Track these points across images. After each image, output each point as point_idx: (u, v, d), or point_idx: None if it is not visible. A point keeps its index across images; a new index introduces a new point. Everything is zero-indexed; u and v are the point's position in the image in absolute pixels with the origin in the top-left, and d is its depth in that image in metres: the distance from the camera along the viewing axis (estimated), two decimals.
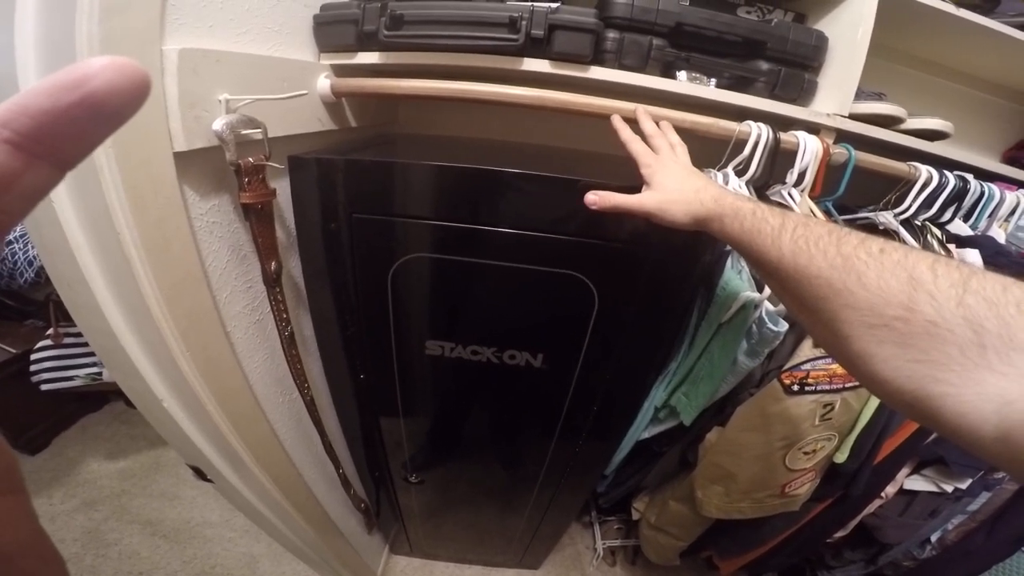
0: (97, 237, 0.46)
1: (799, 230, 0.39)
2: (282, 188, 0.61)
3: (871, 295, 0.31)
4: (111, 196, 0.41)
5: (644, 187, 0.54)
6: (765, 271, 0.43)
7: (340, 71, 0.74)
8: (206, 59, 0.47)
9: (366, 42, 0.68)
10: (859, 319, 0.31)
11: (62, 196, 0.43)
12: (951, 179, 0.76)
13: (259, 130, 0.52)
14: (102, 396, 2.00)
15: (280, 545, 1.02)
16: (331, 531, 1.05)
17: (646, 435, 0.92)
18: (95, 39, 0.37)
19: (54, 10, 0.38)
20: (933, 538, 1.08)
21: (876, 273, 0.31)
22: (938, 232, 0.79)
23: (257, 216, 0.55)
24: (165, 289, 0.48)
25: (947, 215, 0.81)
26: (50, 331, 1.47)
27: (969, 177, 0.79)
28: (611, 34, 0.68)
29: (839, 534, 1.10)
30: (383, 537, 1.52)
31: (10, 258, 1.37)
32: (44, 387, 1.49)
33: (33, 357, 1.48)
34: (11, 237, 1.38)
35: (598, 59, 0.69)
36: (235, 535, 1.59)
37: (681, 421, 0.84)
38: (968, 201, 0.79)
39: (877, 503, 1.03)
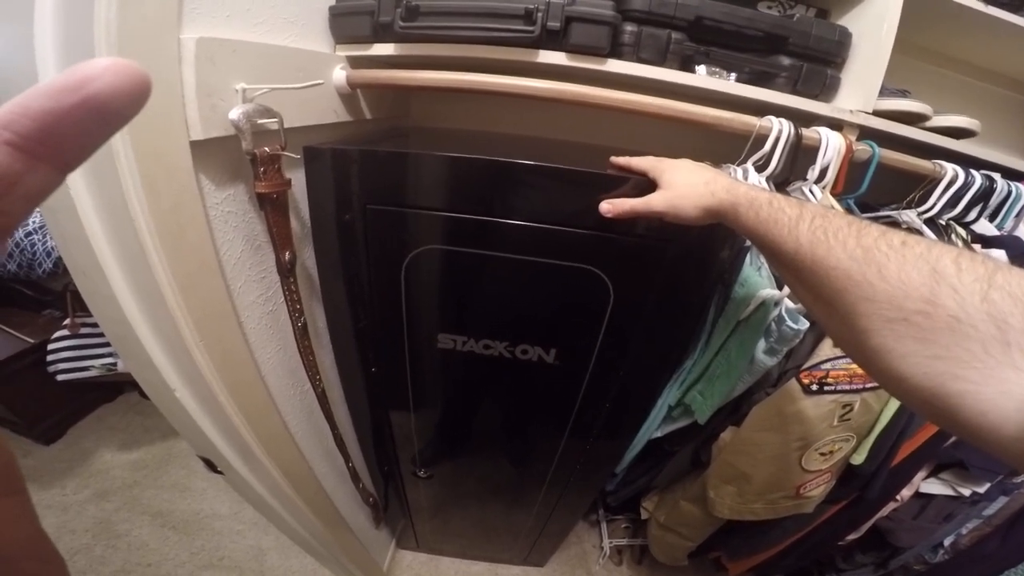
0: (113, 226, 0.46)
1: (817, 220, 0.38)
2: (297, 178, 0.61)
3: (891, 288, 0.30)
4: (127, 184, 0.41)
5: (656, 189, 0.54)
6: (781, 262, 0.42)
7: (355, 63, 0.73)
8: (223, 48, 0.47)
9: (381, 33, 0.68)
10: (878, 312, 0.30)
11: (79, 185, 0.43)
12: (977, 178, 0.74)
13: (275, 120, 0.51)
14: (117, 386, 2.03)
15: (288, 538, 1.03)
16: (339, 525, 1.06)
17: (659, 433, 0.91)
18: (113, 28, 0.37)
19: (73, 0, 0.38)
20: (946, 542, 1.07)
21: (897, 265, 0.30)
22: (963, 232, 0.78)
23: (272, 206, 0.55)
24: (180, 278, 0.48)
25: (972, 214, 0.79)
26: (67, 321, 1.49)
27: (996, 176, 0.77)
28: (629, 27, 0.67)
29: (851, 536, 1.09)
30: (390, 531, 1.53)
31: (29, 248, 1.39)
32: (60, 377, 1.51)
33: (50, 347, 1.50)
34: (31, 228, 1.40)
35: (615, 52, 0.68)
36: (244, 527, 1.60)
37: (695, 420, 0.83)
38: (994, 201, 0.77)
39: (892, 506, 1.01)
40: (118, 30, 0.37)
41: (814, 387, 0.72)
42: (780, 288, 0.67)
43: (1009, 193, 0.78)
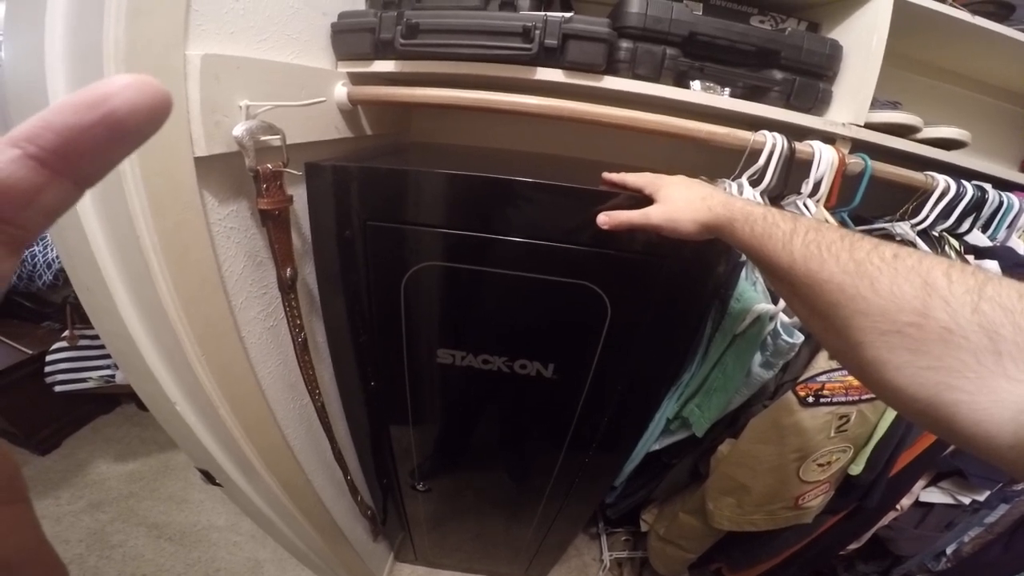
0: (118, 242, 0.46)
1: (811, 235, 0.38)
2: (298, 195, 0.61)
3: (884, 301, 0.30)
4: (133, 200, 0.42)
5: (653, 204, 0.54)
6: (776, 276, 0.43)
7: (356, 79, 0.74)
8: (228, 65, 0.48)
9: (382, 50, 0.69)
10: (871, 325, 0.31)
11: (85, 201, 0.44)
12: (969, 189, 0.75)
13: (278, 136, 0.52)
14: (114, 398, 2.02)
15: (285, 550, 1.02)
16: (337, 537, 1.05)
17: (657, 446, 0.91)
18: (121, 44, 0.38)
19: (83, 13, 0.39)
20: (948, 550, 1.07)
21: (889, 279, 0.31)
22: (956, 243, 0.78)
23: (274, 222, 0.55)
24: (183, 294, 0.48)
25: (965, 225, 0.80)
26: (66, 333, 1.49)
27: (987, 187, 0.77)
28: (624, 44, 0.68)
29: (852, 546, 1.09)
30: (388, 545, 1.52)
31: (30, 260, 1.39)
32: (57, 388, 1.51)
33: (48, 359, 1.50)
34: None
35: (611, 69, 0.69)
36: (241, 540, 1.58)
37: (693, 432, 0.83)
38: (986, 211, 0.78)
39: (892, 515, 1.01)
40: (126, 45, 0.38)
41: (810, 399, 0.72)
42: (775, 303, 0.67)
43: (1001, 203, 0.78)
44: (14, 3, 0.40)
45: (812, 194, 0.70)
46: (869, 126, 0.74)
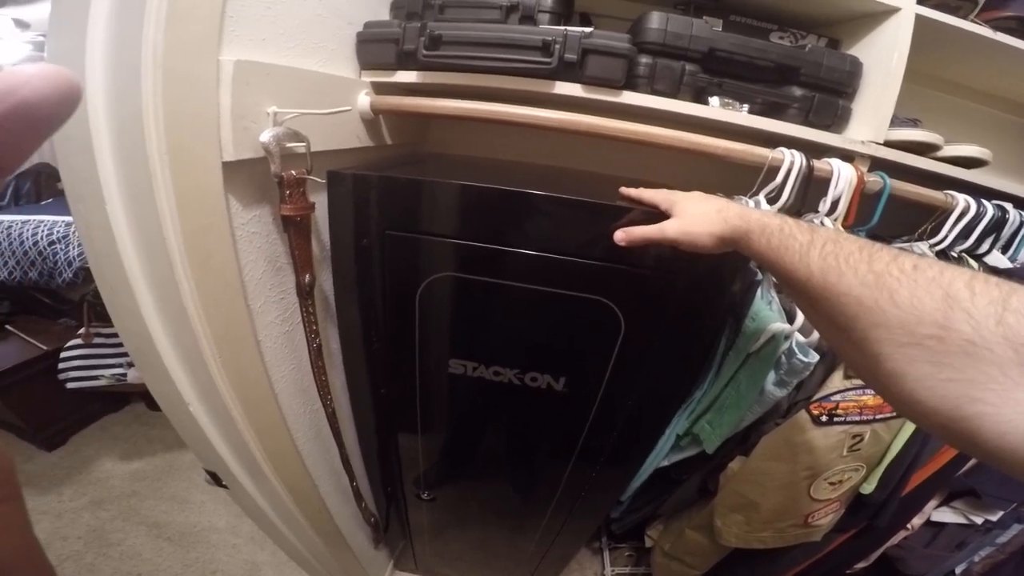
0: (144, 243, 0.47)
1: (828, 246, 0.38)
2: (319, 202, 0.62)
3: (903, 313, 0.30)
4: (162, 203, 0.43)
5: (668, 219, 0.54)
6: (794, 289, 0.42)
7: (378, 88, 0.75)
8: (258, 71, 0.49)
9: (405, 61, 0.70)
10: (890, 338, 0.30)
11: (116, 203, 0.45)
12: (989, 208, 0.74)
13: (303, 144, 0.53)
14: (124, 397, 2.02)
15: (284, 554, 1.02)
16: (339, 543, 1.05)
17: (666, 462, 0.91)
18: (160, 47, 0.39)
19: (124, 16, 0.39)
20: (958, 570, 1.05)
21: (909, 291, 0.30)
22: (975, 264, 0.77)
23: (296, 228, 0.56)
24: (204, 296, 0.49)
25: (985, 246, 0.78)
26: (82, 331, 1.50)
27: (1008, 206, 0.76)
28: (644, 59, 0.69)
29: (860, 565, 1.07)
30: (388, 552, 1.51)
31: (51, 257, 1.40)
32: (70, 385, 1.53)
33: (62, 355, 1.51)
34: (54, 237, 1.42)
35: (630, 84, 0.70)
36: (240, 542, 1.58)
37: (703, 449, 0.83)
38: (1007, 231, 0.77)
39: (902, 534, 1.00)
40: (164, 49, 0.39)
41: (824, 418, 0.72)
42: (791, 322, 0.67)
43: (1022, 223, 0.77)
44: (59, 4, 0.41)
45: (830, 213, 0.70)
46: (888, 144, 0.74)
